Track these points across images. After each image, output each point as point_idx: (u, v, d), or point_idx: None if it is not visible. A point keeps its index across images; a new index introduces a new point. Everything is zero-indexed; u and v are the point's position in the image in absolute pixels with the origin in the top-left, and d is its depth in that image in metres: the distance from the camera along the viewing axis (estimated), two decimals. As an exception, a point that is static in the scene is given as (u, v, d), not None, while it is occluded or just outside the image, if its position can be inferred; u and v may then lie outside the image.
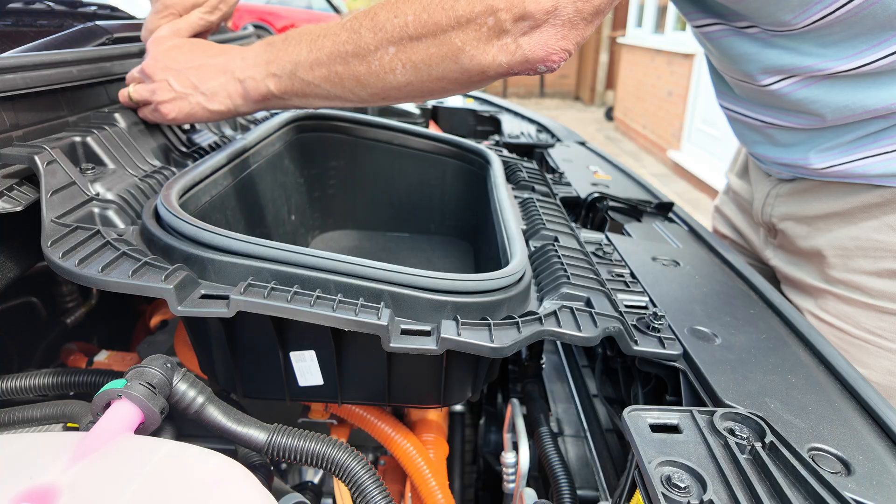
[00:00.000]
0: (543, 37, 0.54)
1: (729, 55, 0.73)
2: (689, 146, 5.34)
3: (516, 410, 0.76)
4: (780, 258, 0.88)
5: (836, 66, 0.64)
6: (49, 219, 0.53)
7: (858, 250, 0.74)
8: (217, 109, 0.69)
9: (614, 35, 8.69)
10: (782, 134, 0.78)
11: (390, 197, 1.03)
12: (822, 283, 0.80)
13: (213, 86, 0.67)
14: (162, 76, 0.69)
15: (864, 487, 0.38)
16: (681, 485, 0.35)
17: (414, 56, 0.57)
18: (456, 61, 0.56)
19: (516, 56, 0.55)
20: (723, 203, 1.06)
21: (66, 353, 0.84)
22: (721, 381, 0.48)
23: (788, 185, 0.83)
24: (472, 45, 0.55)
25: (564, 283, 0.57)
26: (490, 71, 0.57)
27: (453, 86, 0.60)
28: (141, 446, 0.38)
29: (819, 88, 0.67)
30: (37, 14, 0.98)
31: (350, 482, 0.48)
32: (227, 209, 0.74)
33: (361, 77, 0.60)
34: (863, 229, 0.74)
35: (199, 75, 0.68)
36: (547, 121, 1.54)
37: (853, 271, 0.75)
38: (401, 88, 0.60)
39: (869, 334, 0.75)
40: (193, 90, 0.68)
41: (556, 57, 0.56)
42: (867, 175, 0.71)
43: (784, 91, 0.70)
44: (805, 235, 0.81)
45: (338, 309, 0.47)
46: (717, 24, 0.72)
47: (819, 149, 0.74)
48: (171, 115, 0.70)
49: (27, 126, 0.63)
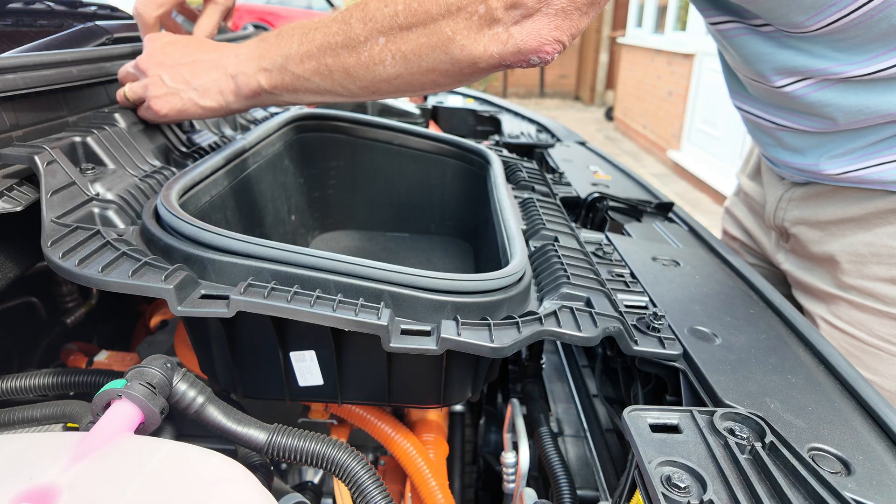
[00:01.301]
0: (536, 26, 0.52)
1: (743, 54, 0.72)
2: (689, 146, 5.35)
3: (516, 410, 0.76)
4: (791, 262, 0.87)
5: (851, 71, 0.62)
6: (49, 219, 0.53)
7: (873, 256, 0.73)
8: (209, 106, 0.68)
9: (614, 35, 8.70)
10: (793, 137, 0.76)
11: (390, 197, 1.03)
12: (835, 288, 0.78)
13: (205, 81, 0.67)
14: (155, 71, 0.69)
15: (864, 487, 0.38)
16: (681, 485, 0.35)
17: (404, 46, 0.56)
18: (446, 51, 0.55)
19: (508, 46, 0.53)
20: (733, 205, 1.04)
21: (66, 353, 0.84)
22: (721, 381, 0.48)
23: (802, 190, 0.82)
24: (462, 34, 0.53)
25: (564, 283, 0.57)
26: (481, 62, 0.55)
27: (444, 78, 0.58)
28: (141, 446, 0.38)
29: (833, 92, 0.66)
30: (37, 14, 0.98)
31: (350, 482, 0.48)
32: (226, 209, 0.74)
33: (351, 69, 0.59)
34: (878, 235, 0.72)
35: (191, 71, 0.68)
36: (547, 121, 1.54)
37: (867, 278, 0.74)
38: (391, 81, 0.59)
39: (882, 342, 0.74)
40: (186, 86, 0.68)
41: (549, 48, 0.54)
42: (883, 181, 0.69)
43: (798, 93, 0.68)
44: (818, 240, 0.79)
45: (338, 309, 0.47)
46: (732, 22, 0.71)
47: (831, 154, 0.72)
48: (162, 111, 0.69)
49: (27, 126, 0.63)
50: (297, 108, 1.06)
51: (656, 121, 6.08)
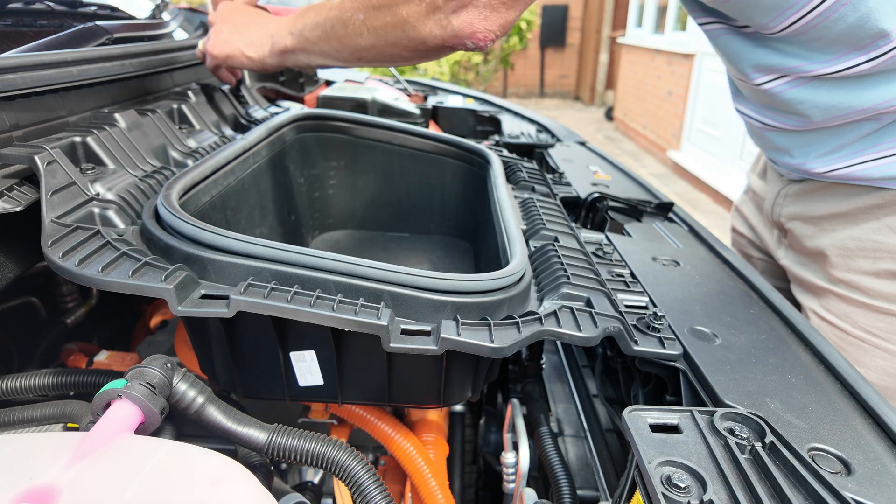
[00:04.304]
0: (469, 16, 0.64)
1: (726, 52, 0.76)
2: (688, 146, 5.34)
3: (516, 410, 0.76)
4: (789, 258, 0.90)
5: (821, 69, 0.67)
6: (49, 219, 0.53)
7: (859, 251, 0.75)
8: (251, 56, 0.85)
9: (614, 35, 8.70)
10: (778, 137, 0.79)
11: (390, 197, 1.03)
12: (826, 282, 0.81)
13: (251, 37, 0.85)
14: (220, 25, 0.88)
15: (864, 487, 0.38)
16: (681, 485, 0.35)
17: (375, 22, 0.69)
18: (403, 30, 0.68)
19: (447, 31, 0.65)
20: (742, 202, 1.07)
21: (66, 353, 0.84)
22: (721, 381, 0.48)
23: (797, 186, 0.85)
24: (414, 17, 0.66)
25: (564, 283, 0.57)
26: (429, 42, 0.67)
27: (406, 52, 0.70)
28: (141, 446, 0.38)
29: (807, 89, 0.70)
30: (37, 14, 0.98)
31: (350, 482, 0.48)
32: (227, 209, 0.74)
33: (342, 38, 0.74)
34: (864, 230, 0.75)
35: (245, 28, 0.86)
36: (547, 121, 1.54)
37: (854, 271, 0.76)
38: (368, 50, 0.73)
39: (867, 334, 0.76)
40: (238, 37, 0.86)
41: (480, 35, 0.65)
42: (868, 178, 0.72)
43: (776, 90, 0.72)
44: (811, 235, 0.82)
45: (338, 309, 0.47)
46: (716, 23, 0.75)
47: (817, 154, 0.75)
48: (215, 51, 0.88)
49: (27, 126, 0.63)
50: (297, 109, 1.06)
51: (656, 121, 6.08)
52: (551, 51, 10.13)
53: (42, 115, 0.65)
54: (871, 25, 0.60)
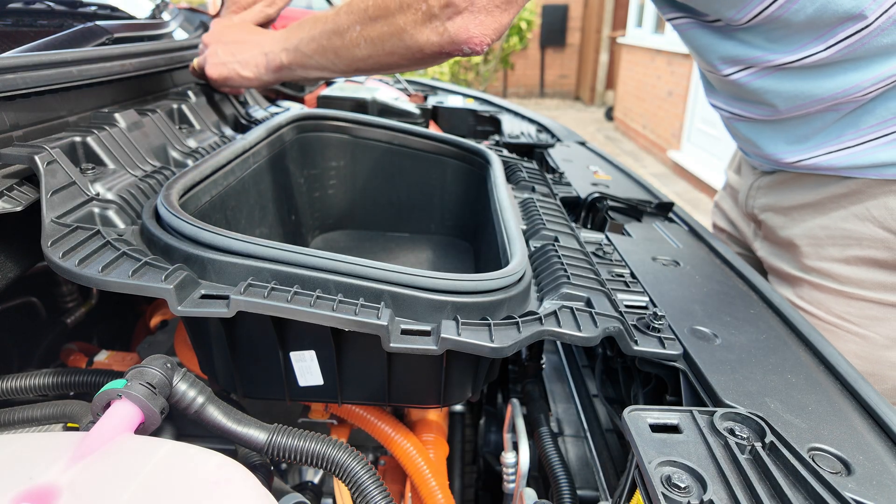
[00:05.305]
0: (464, 22, 0.65)
1: (694, 45, 0.80)
2: (689, 146, 5.34)
3: (516, 410, 0.76)
4: (764, 249, 0.92)
5: (783, 58, 0.70)
6: (49, 219, 0.53)
7: (828, 239, 0.78)
8: (247, 76, 0.86)
9: (614, 35, 8.69)
10: (746, 127, 0.82)
11: (390, 197, 1.03)
12: (798, 271, 0.83)
13: (245, 57, 0.85)
14: (214, 46, 0.88)
15: (864, 487, 0.38)
16: (681, 485, 0.35)
17: (372, 33, 0.70)
18: (400, 39, 0.69)
19: (444, 37, 0.66)
20: (721, 198, 1.09)
21: (66, 353, 0.84)
22: (721, 381, 0.48)
23: (769, 178, 0.87)
24: (411, 25, 0.67)
25: (564, 283, 0.57)
26: (426, 49, 0.68)
27: (403, 61, 0.72)
28: (141, 446, 0.38)
29: (771, 79, 0.73)
30: (37, 14, 0.98)
31: (350, 482, 0.48)
32: (227, 209, 0.74)
33: (338, 50, 0.75)
34: (832, 219, 0.77)
35: (238, 48, 0.86)
36: (547, 121, 1.54)
37: (824, 259, 0.79)
38: (365, 60, 0.74)
39: (839, 319, 0.79)
40: (232, 58, 0.86)
41: (476, 40, 0.67)
42: (834, 167, 0.74)
43: (742, 81, 0.76)
44: (782, 226, 0.85)
45: (338, 309, 0.47)
46: (684, 18, 0.78)
47: (785, 143, 0.78)
48: (213, 74, 0.88)
49: (27, 126, 0.63)
50: (297, 109, 1.06)
51: (656, 121, 6.08)
52: (551, 51, 10.13)
53: (42, 115, 0.65)
54: (832, 12, 0.63)
